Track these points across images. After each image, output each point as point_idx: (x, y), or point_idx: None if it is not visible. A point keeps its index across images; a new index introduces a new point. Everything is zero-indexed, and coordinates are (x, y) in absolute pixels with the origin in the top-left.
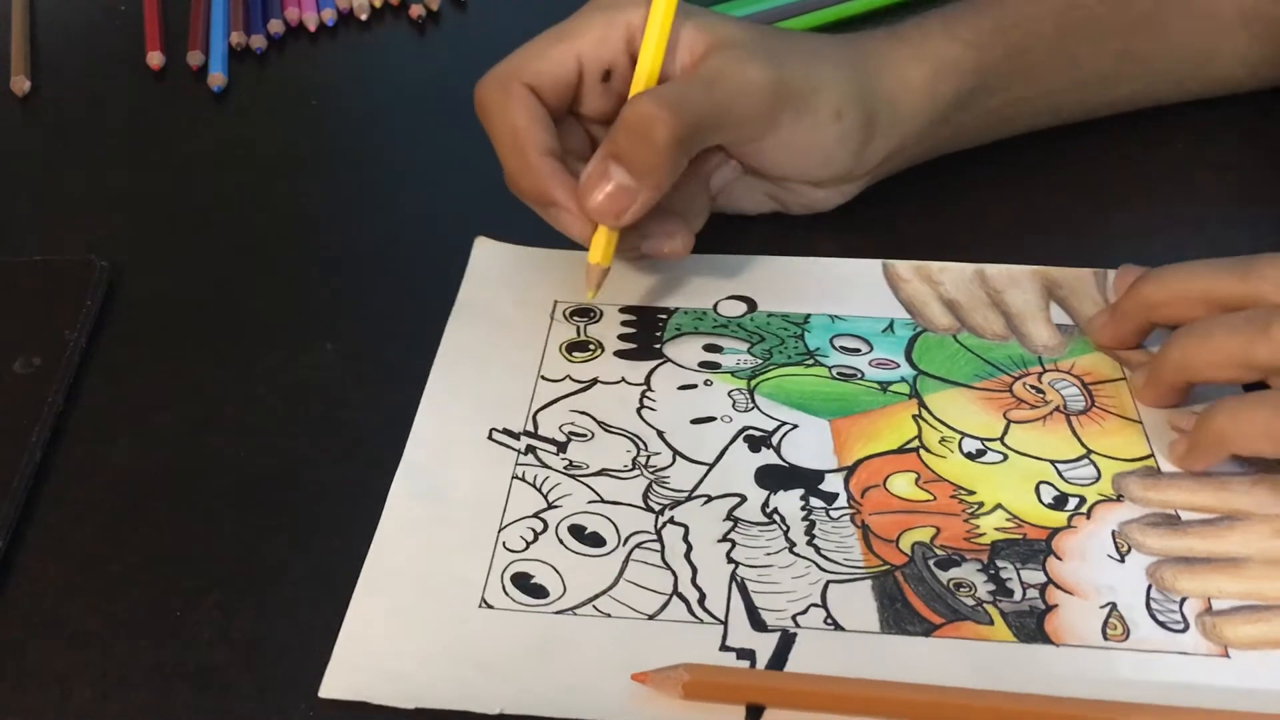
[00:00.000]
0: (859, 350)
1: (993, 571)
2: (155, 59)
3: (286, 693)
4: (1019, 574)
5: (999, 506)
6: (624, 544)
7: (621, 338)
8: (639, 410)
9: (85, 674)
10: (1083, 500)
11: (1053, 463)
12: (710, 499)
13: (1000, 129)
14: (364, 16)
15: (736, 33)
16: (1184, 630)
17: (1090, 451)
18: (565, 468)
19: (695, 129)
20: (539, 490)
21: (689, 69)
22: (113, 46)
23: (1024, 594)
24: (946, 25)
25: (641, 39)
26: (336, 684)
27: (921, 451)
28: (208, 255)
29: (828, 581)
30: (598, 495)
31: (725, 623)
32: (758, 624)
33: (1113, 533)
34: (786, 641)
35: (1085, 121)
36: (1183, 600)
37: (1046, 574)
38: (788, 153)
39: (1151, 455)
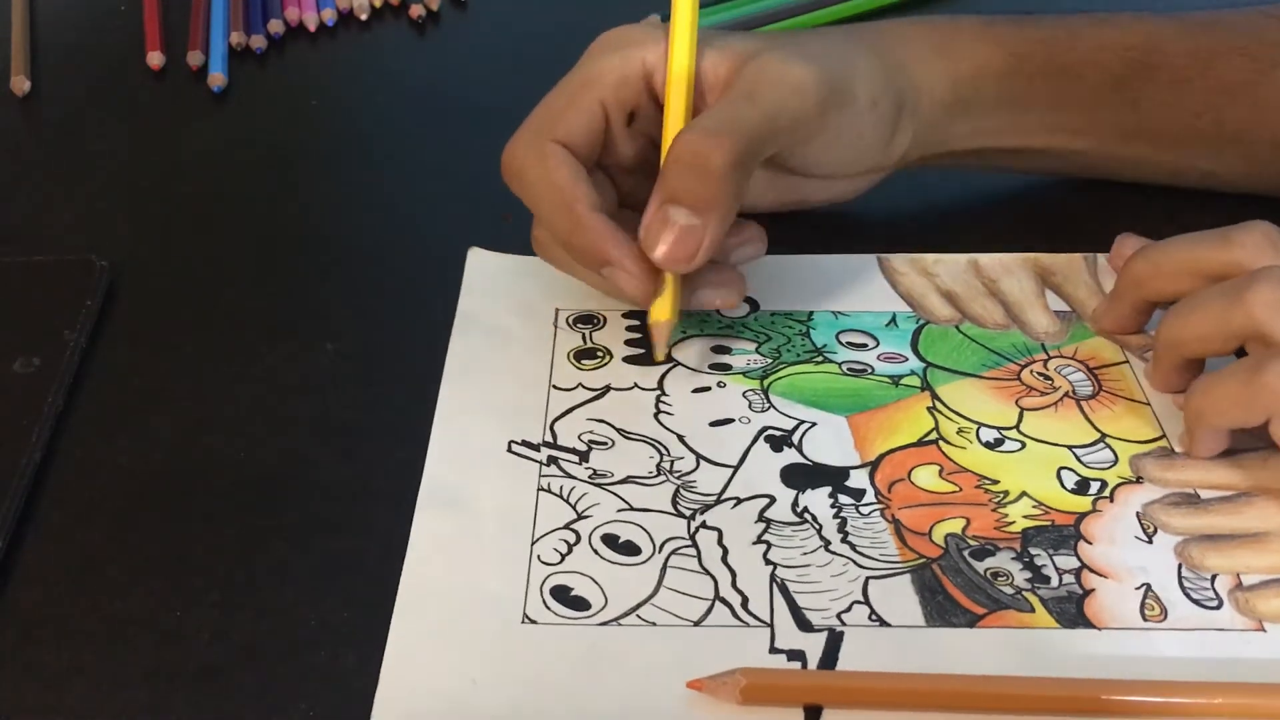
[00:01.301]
0: (866, 345)
1: (1027, 559)
2: (155, 59)
3: (286, 693)
4: (1052, 560)
5: (1024, 494)
6: (659, 551)
7: (629, 343)
8: (656, 415)
9: (85, 674)
10: (1104, 484)
11: (1070, 448)
12: (740, 501)
13: (1038, 159)
14: (364, 16)
15: (757, 43)
16: (1219, 607)
17: (1105, 435)
18: (590, 477)
19: (749, 147)
20: (567, 501)
21: (720, 90)
22: (113, 46)
23: (1060, 580)
24: (986, 24)
25: (662, 74)
26: (388, 712)
27: (941, 443)
28: (208, 255)
29: (867, 578)
30: (626, 503)
31: (771, 625)
32: (804, 624)
33: (1137, 514)
34: (835, 640)
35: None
36: (1214, 577)
37: (1079, 558)
38: (833, 148)
39: (1163, 436)
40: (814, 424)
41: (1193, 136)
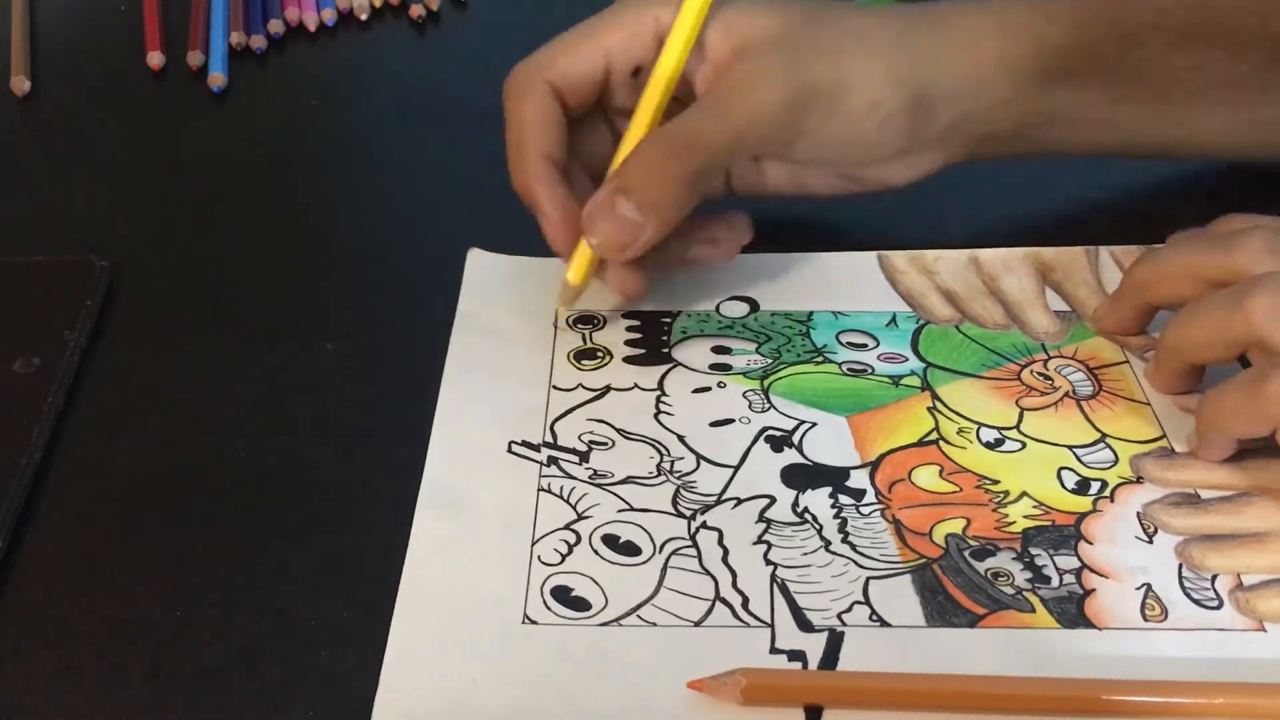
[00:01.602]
0: (866, 345)
1: (1028, 559)
2: (155, 59)
3: (286, 693)
4: (1053, 560)
5: (1024, 494)
6: (660, 551)
7: (629, 343)
8: (656, 416)
9: (85, 674)
10: (1104, 484)
11: (1070, 448)
12: (740, 501)
13: (1116, 138)
14: (364, 16)
15: (765, 29)
16: (1219, 607)
17: (1105, 435)
18: (590, 477)
19: (711, 162)
20: (567, 501)
21: (710, 79)
22: (113, 46)
23: (1060, 580)
24: None
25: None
26: (388, 713)
27: (941, 443)
28: (208, 255)
29: (867, 578)
30: (626, 504)
31: (772, 625)
32: (804, 625)
33: (1138, 514)
34: (835, 641)
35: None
36: (1214, 577)
37: (1080, 559)
38: (824, 149)
39: (1164, 436)
40: (814, 424)
41: (1254, 87)
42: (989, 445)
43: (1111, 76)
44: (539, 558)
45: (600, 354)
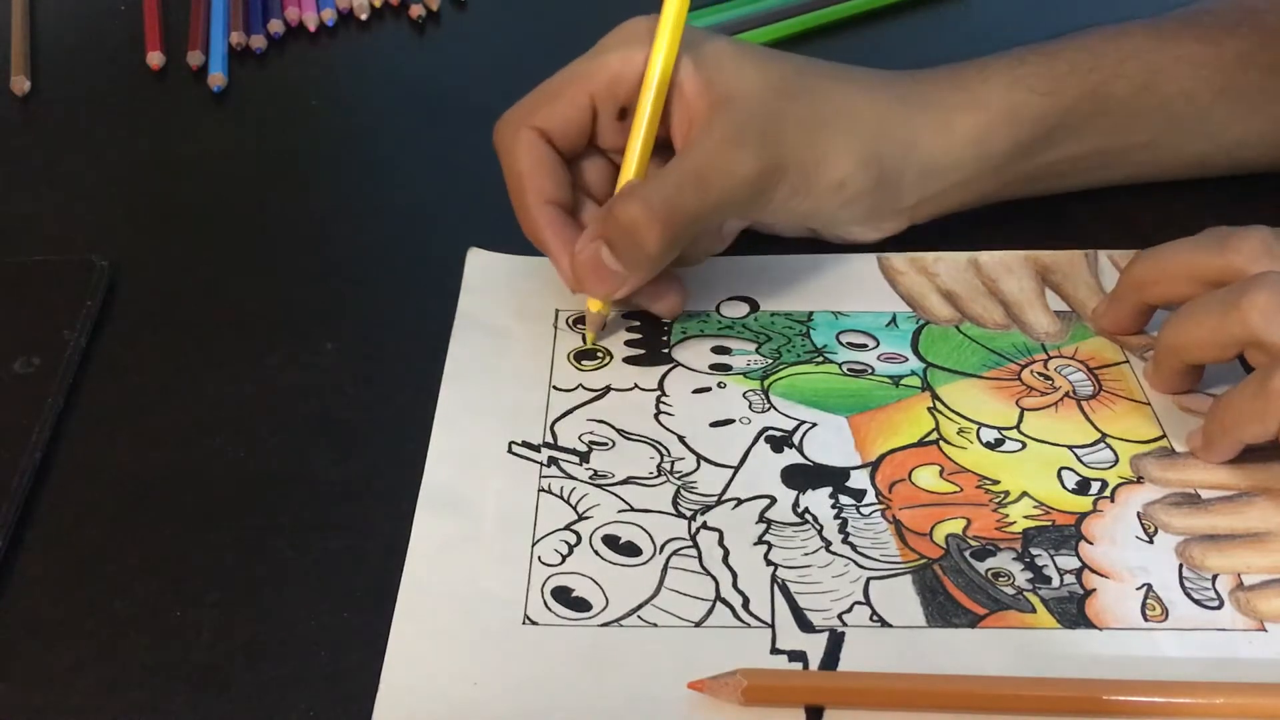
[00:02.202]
0: (866, 345)
1: (1028, 559)
2: (155, 59)
3: (286, 693)
4: (1054, 560)
5: (1025, 494)
6: (660, 552)
7: (629, 344)
8: (656, 416)
9: (85, 674)
10: (1105, 484)
11: (1070, 448)
12: (740, 502)
13: (1074, 179)
14: (364, 16)
15: (747, 89)
16: (1219, 607)
17: (1105, 435)
18: (590, 478)
19: (687, 230)
20: (567, 502)
21: (685, 127)
22: (113, 46)
23: (1061, 580)
24: (1011, 69)
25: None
26: (389, 715)
27: (941, 443)
28: (208, 255)
29: (868, 578)
30: (627, 504)
31: (773, 626)
32: (805, 625)
33: (1138, 514)
34: (836, 641)
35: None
36: (1214, 577)
37: (1080, 559)
38: (788, 216)
39: (1164, 436)
40: (814, 424)
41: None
42: (989, 445)
43: (1086, 128)
44: (539, 558)
45: (600, 354)
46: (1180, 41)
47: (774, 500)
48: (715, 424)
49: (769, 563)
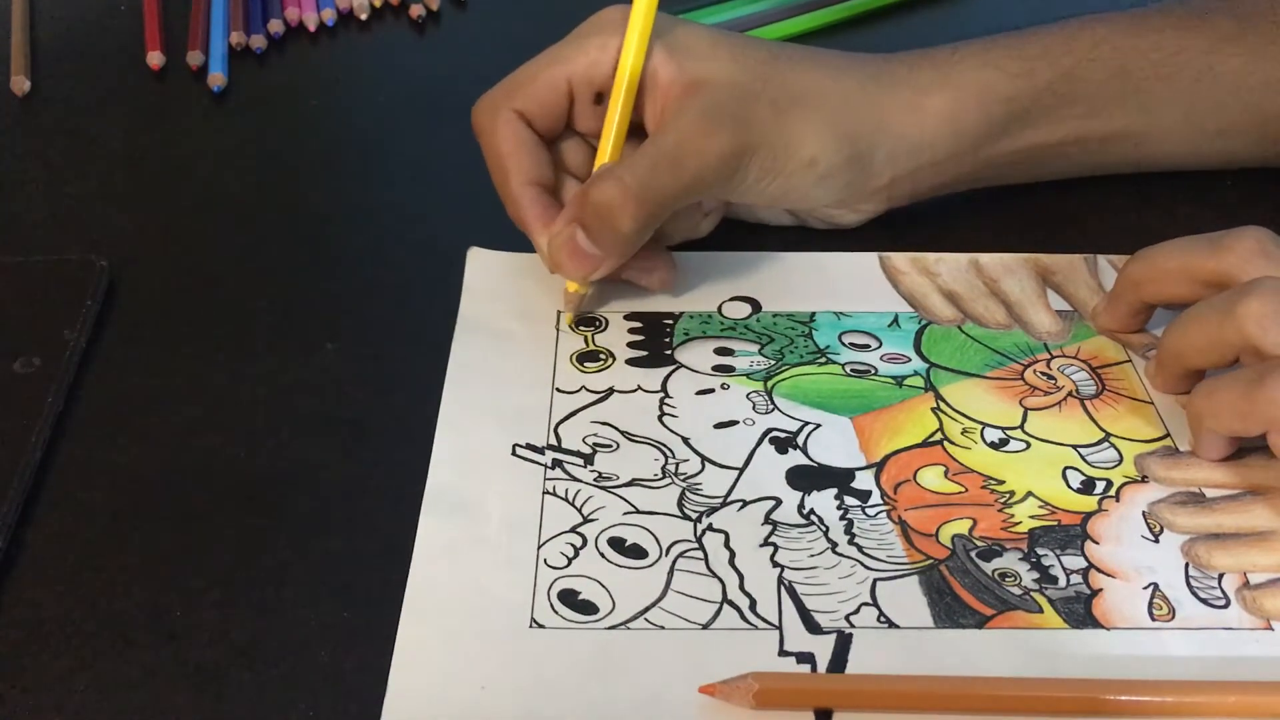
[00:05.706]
0: (869, 346)
1: (1034, 559)
2: (155, 59)
3: (287, 693)
4: (1060, 560)
5: (1030, 494)
6: (666, 554)
7: (631, 345)
8: (660, 418)
9: (85, 674)
10: (1109, 483)
11: (1074, 447)
12: (746, 503)
13: (1054, 165)
14: (364, 16)
15: (711, 76)
16: (1226, 606)
17: (1109, 435)
18: (595, 480)
19: (660, 210)
20: (572, 504)
21: (658, 112)
22: (113, 46)
23: (1068, 580)
24: (984, 50)
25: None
26: (396, 718)
27: (945, 444)
28: (208, 255)
29: (875, 579)
30: (632, 506)
31: (780, 628)
32: (812, 627)
33: (1143, 513)
34: (844, 642)
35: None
36: (1220, 576)
37: (1086, 558)
38: (762, 198)
39: (1168, 435)
40: (818, 425)
41: (1201, 102)
42: (993, 445)
43: (1061, 112)
44: (545, 561)
45: (603, 356)
46: (1156, 28)
47: (779, 502)
48: (719, 425)
49: (775, 564)
